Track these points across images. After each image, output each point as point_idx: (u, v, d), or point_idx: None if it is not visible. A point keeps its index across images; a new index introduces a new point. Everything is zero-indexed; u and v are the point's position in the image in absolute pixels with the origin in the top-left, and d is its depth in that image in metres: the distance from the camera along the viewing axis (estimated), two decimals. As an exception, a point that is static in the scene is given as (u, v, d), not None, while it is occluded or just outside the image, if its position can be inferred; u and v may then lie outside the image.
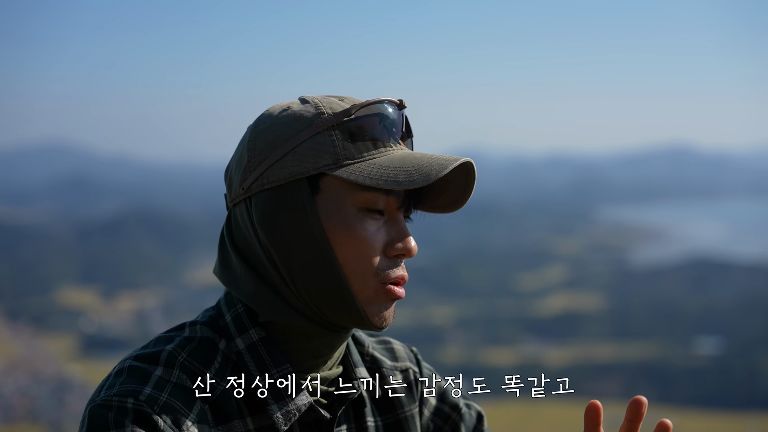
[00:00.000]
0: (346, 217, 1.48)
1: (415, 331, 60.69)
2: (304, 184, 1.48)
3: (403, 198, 1.52)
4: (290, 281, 1.49)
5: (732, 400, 50.06)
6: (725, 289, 75.48)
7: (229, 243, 1.55)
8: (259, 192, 1.50)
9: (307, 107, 1.53)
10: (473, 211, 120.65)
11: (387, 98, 1.54)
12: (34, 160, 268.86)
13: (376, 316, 1.50)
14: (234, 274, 1.54)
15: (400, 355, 1.75)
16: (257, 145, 1.52)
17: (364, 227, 1.48)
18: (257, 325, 1.52)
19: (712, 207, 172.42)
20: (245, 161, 1.53)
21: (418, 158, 1.49)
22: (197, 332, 1.52)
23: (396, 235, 1.51)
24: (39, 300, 73.35)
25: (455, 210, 1.58)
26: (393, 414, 1.67)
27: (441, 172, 1.46)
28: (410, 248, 1.52)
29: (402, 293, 1.52)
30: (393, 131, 1.53)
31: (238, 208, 1.54)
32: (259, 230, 1.50)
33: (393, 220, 1.52)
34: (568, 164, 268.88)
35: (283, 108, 1.55)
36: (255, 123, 1.56)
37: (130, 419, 1.38)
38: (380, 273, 1.49)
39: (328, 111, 1.51)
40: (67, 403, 48.03)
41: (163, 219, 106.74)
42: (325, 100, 1.54)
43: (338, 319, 1.50)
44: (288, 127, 1.51)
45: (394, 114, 1.54)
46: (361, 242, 1.48)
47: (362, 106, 1.51)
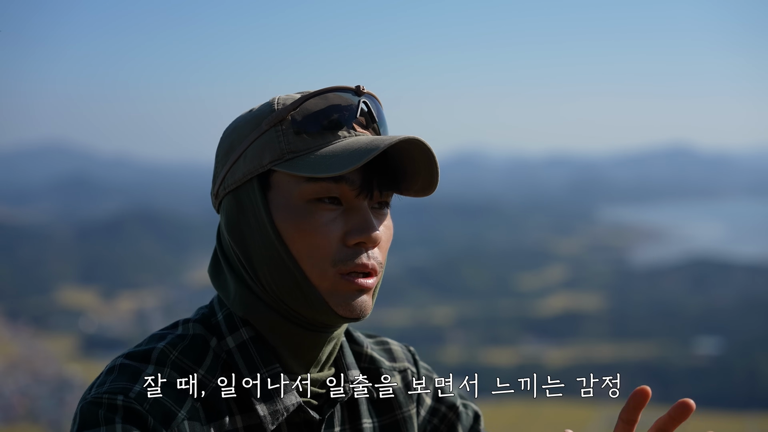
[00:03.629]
0: (296, 210, 1.46)
1: (415, 331, 60.70)
2: (255, 183, 1.48)
3: (359, 185, 1.47)
4: (257, 280, 1.49)
5: (732, 400, 50.05)
6: (725, 289, 75.45)
7: (218, 248, 1.57)
8: (224, 197, 1.53)
9: (265, 106, 1.53)
10: (473, 210, 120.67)
11: (339, 86, 1.51)
12: (34, 160, 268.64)
13: (341, 307, 1.46)
14: (222, 277, 1.55)
15: (398, 356, 1.74)
16: (220, 151, 1.56)
17: (315, 218, 1.45)
18: (248, 324, 1.52)
19: (712, 207, 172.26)
20: (214, 168, 1.57)
21: (360, 142, 1.45)
22: (190, 330, 1.52)
23: (355, 224, 1.47)
24: (39, 300, 73.28)
25: (429, 193, 1.53)
26: (390, 415, 1.67)
27: (372, 153, 1.41)
28: (370, 237, 1.46)
29: (365, 283, 1.47)
30: (345, 118, 1.49)
31: (220, 214, 1.57)
32: (227, 234, 1.52)
33: (353, 208, 1.48)
34: (568, 164, 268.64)
35: (248, 111, 1.56)
36: (224, 130, 1.58)
37: (120, 416, 1.38)
38: (338, 263, 1.45)
39: (280, 107, 1.50)
40: (67, 403, 47.94)
41: (163, 219, 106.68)
42: (285, 97, 1.52)
43: (307, 313, 1.48)
44: (244, 129, 1.52)
45: (349, 100, 1.50)
46: (312, 233, 1.45)
47: (310, 97, 1.49)
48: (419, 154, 1.48)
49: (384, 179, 1.50)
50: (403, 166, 1.50)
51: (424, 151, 1.47)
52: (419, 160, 1.49)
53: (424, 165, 1.49)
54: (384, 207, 1.53)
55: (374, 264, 1.48)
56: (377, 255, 1.49)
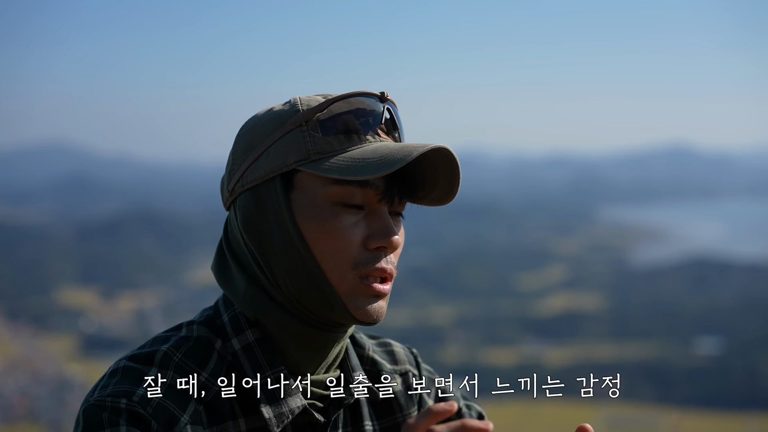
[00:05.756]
0: (319, 211, 1.46)
1: (415, 331, 60.71)
2: (278, 182, 1.48)
3: (383, 190, 1.48)
4: (273, 279, 1.49)
5: (732, 400, 50.07)
6: (725, 289, 75.50)
7: (225, 245, 1.56)
8: (241, 193, 1.52)
9: (287, 106, 1.53)
10: (473, 210, 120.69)
11: (365, 91, 1.52)
12: (34, 160, 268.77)
13: (359, 311, 1.47)
14: (229, 275, 1.54)
15: (400, 358, 1.74)
16: (239, 147, 1.55)
17: (339, 221, 1.46)
18: (254, 326, 1.51)
19: (712, 207, 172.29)
20: (230, 164, 1.55)
21: (389, 147, 1.46)
22: (194, 332, 1.52)
23: (376, 228, 1.47)
24: (39, 300, 73.31)
25: (447, 202, 1.54)
26: (391, 418, 1.67)
27: (405, 159, 1.41)
28: (390, 241, 1.47)
29: (382, 289, 1.48)
30: (370, 123, 1.50)
31: (230, 210, 1.56)
32: (242, 231, 1.51)
33: (374, 213, 1.48)
34: (568, 164, 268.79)
35: (267, 110, 1.56)
36: (241, 127, 1.58)
37: (124, 419, 1.38)
38: (358, 266, 1.46)
39: (304, 108, 1.51)
40: (67, 403, 47.95)
41: (163, 219, 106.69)
42: (308, 98, 1.53)
43: (322, 314, 1.48)
44: (265, 127, 1.52)
45: (373, 106, 1.51)
46: (335, 236, 1.45)
47: (336, 100, 1.50)
48: (443, 162, 1.49)
49: (404, 186, 1.51)
50: (423, 175, 1.51)
51: (449, 160, 1.48)
52: (441, 169, 1.50)
53: (445, 173, 1.50)
54: (398, 215, 1.54)
55: (392, 269, 1.49)
56: (393, 260, 1.50)
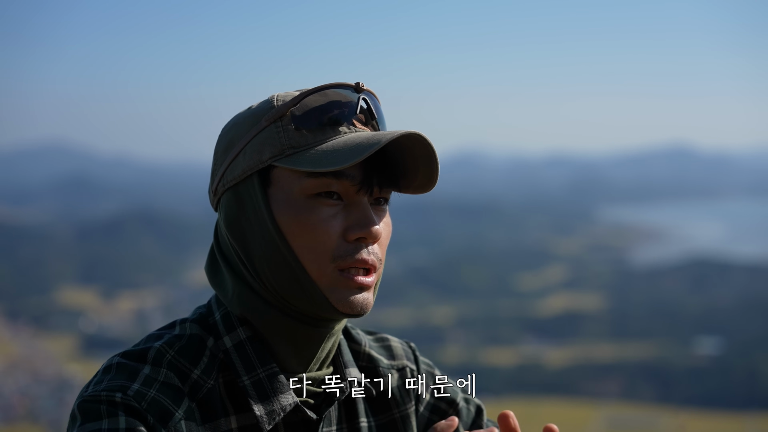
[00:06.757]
0: (296, 205, 1.46)
1: (415, 331, 60.66)
2: (256, 179, 1.49)
3: (360, 180, 1.48)
4: (257, 277, 1.49)
5: (732, 400, 50.07)
6: (725, 289, 75.51)
7: (215, 246, 1.57)
8: (224, 193, 1.53)
9: (264, 103, 1.53)
10: (473, 210, 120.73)
11: (340, 82, 1.52)
12: (34, 160, 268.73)
13: (341, 303, 1.47)
14: (219, 275, 1.56)
15: (398, 353, 1.73)
16: (219, 147, 1.56)
17: (316, 214, 1.46)
18: (245, 323, 1.52)
19: (712, 207, 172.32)
20: (212, 165, 1.57)
21: (361, 137, 1.46)
22: (187, 330, 1.52)
23: (355, 219, 1.47)
24: (39, 300, 73.31)
25: (428, 190, 1.53)
26: (387, 414, 1.66)
27: (374, 147, 1.42)
28: (370, 231, 1.46)
29: (364, 281, 1.48)
30: (345, 114, 1.50)
31: (218, 210, 1.57)
32: (226, 230, 1.52)
33: (353, 204, 1.48)
34: (568, 164, 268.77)
35: (246, 108, 1.57)
36: (222, 127, 1.58)
37: (122, 410, 1.39)
38: (337, 259, 1.46)
39: (279, 103, 1.51)
40: (67, 403, 47.92)
41: (163, 219, 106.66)
42: (284, 94, 1.53)
43: (307, 309, 1.48)
44: (243, 126, 1.53)
45: (348, 97, 1.51)
46: (312, 229, 1.46)
47: (310, 93, 1.50)
48: (420, 149, 1.48)
49: (384, 175, 1.50)
50: (403, 163, 1.50)
51: (425, 146, 1.47)
52: (419, 156, 1.49)
53: (424, 160, 1.49)
54: (383, 203, 1.53)
55: (374, 259, 1.48)
56: (377, 251, 1.49)
